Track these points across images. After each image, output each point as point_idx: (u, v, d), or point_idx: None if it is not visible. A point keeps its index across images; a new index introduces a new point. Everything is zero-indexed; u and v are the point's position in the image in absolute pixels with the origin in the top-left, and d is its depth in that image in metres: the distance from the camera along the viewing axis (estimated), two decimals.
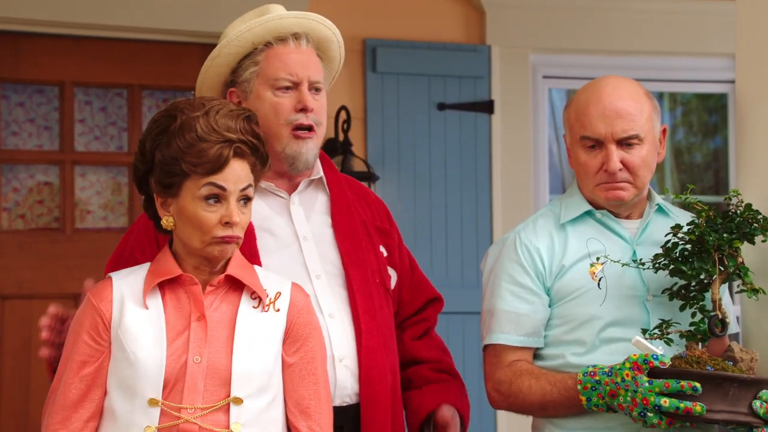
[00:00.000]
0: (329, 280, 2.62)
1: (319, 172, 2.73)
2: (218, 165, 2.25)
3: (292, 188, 2.70)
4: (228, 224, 2.26)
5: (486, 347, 2.62)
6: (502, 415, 4.74)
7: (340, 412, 2.50)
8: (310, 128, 2.63)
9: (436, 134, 4.90)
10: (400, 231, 2.86)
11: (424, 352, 2.78)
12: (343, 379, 2.55)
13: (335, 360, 2.54)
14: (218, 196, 2.26)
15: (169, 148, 2.26)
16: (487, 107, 4.96)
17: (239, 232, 2.29)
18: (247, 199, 2.31)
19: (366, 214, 2.76)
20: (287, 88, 2.63)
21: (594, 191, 2.59)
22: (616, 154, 2.53)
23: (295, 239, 2.64)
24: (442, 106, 4.91)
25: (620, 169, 2.54)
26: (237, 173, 2.27)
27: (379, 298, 2.66)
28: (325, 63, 2.74)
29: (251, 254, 2.56)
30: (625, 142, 2.54)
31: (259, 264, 2.54)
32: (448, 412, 2.68)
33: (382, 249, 2.74)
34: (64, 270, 4.44)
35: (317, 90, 2.66)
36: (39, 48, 4.51)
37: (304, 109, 2.62)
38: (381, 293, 2.67)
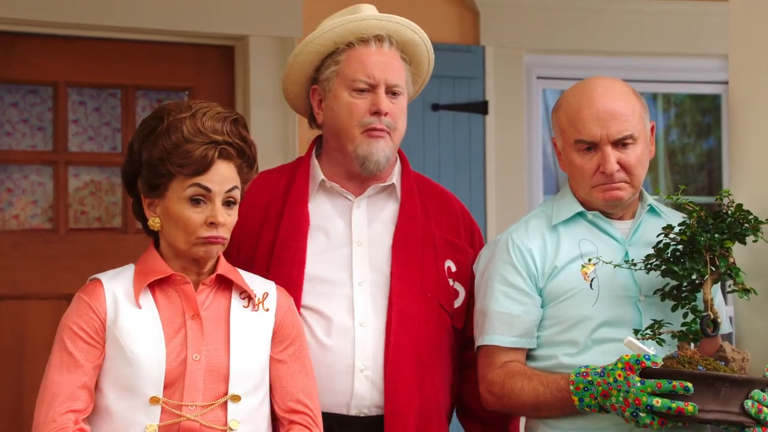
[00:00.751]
0: (373, 288, 2.60)
1: (392, 179, 2.70)
2: (203, 166, 2.27)
3: (360, 191, 2.67)
4: (213, 225, 2.27)
5: (479, 348, 2.62)
6: None
7: (356, 423, 2.51)
8: (382, 131, 2.61)
9: (430, 135, 4.90)
10: None
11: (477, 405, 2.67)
12: (361, 389, 2.53)
13: (355, 369, 2.53)
14: (203, 197, 2.27)
15: (155, 149, 2.28)
16: (481, 108, 4.97)
17: (224, 233, 2.30)
18: (234, 201, 2.32)
19: (441, 226, 2.72)
20: (363, 90, 2.61)
21: (591, 193, 2.58)
22: (612, 156, 2.53)
23: (349, 243, 2.62)
24: (436, 107, 4.91)
25: (617, 170, 2.54)
26: (222, 174, 2.29)
27: (426, 313, 2.61)
28: (413, 66, 2.73)
29: (297, 251, 2.56)
30: (620, 143, 2.54)
31: (304, 262, 2.55)
32: None
33: (449, 263, 2.69)
34: (58, 270, 4.44)
35: (395, 94, 2.64)
36: (33, 48, 4.51)
37: (377, 113, 2.60)
38: (432, 308, 2.62)
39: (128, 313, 2.27)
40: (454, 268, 2.70)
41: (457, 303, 2.69)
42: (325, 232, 2.62)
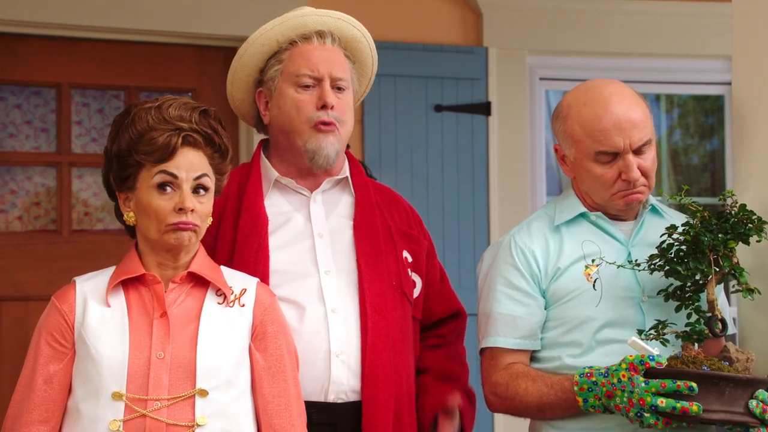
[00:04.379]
0: (340, 276, 2.60)
1: (345, 172, 2.71)
2: (168, 152, 2.29)
3: (314, 187, 2.68)
4: (181, 210, 2.28)
5: (483, 350, 2.62)
6: (500, 417, 4.74)
7: (333, 409, 2.50)
8: (331, 125, 2.61)
9: (434, 136, 4.90)
10: None
11: (430, 361, 2.73)
12: (338, 374, 2.53)
13: (332, 354, 2.52)
14: (171, 184, 2.29)
15: (122, 141, 2.31)
16: (484, 109, 4.97)
17: (195, 220, 2.30)
18: (204, 189, 2.32)
19: (394, 219, 2.73)
20: (309, 85, 2.62)
21: (611, 200, 2.58)
22: (635, 163, 2.53)
23: (310, 236, 2.63)
24: (439, 108, 4.91)
25: (640, 176, 2.54)
26: (189, 161, 2.30)
27: (393, 300, 2.62)
28: (357, 64, 2.73)
29: (259, 246, 2.56)
30: (639, 149, 2.54)
31: (267, 256, 2.55)
32: (446, 417, 2.62)
33: (406, 254, 2.70)
34: (61, 272, 4.43)
35: (340, 88, 2.64)
36: (36, 50, 4.52)
37: (324, 106, 2.60)
38: (396, 296, 2.64)
39: (96, 312, 2.30)
40: (410, 259, 2.71)
41: (416, 293, 2.71)
42: (285, 227, 2.63)
